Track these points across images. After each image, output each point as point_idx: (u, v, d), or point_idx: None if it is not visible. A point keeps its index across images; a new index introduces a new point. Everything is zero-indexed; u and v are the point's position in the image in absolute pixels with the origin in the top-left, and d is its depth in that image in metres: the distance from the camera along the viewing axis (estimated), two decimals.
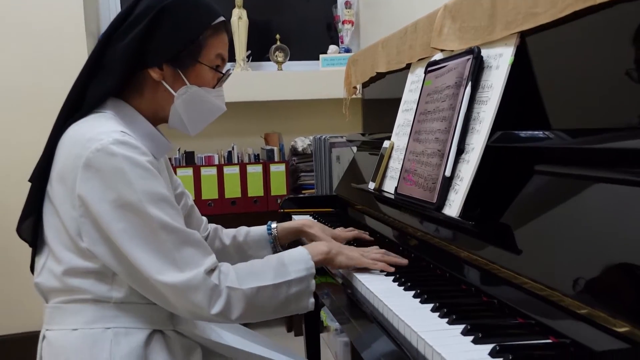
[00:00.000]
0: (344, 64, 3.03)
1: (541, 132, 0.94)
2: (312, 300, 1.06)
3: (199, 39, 1.08)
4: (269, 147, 2.87)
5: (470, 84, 1.04)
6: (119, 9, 3.04)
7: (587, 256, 0.76)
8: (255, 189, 2.81)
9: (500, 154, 0.99)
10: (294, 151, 2.95)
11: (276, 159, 2.85)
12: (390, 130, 1.72)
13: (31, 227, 1.07)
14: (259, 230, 1.39)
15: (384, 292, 0.98)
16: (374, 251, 1.14)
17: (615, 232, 0.73)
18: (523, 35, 0.97)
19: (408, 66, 1.46)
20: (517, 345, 0.72)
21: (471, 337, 0.75)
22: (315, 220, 1.45)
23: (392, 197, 1.29)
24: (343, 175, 1.96)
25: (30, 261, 1.11)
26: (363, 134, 1.95)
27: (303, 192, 2.91)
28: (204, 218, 1.42)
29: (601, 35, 0.85)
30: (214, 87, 1.14)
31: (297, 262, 1.05)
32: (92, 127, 1.01)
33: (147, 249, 0.95)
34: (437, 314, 0.85)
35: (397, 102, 1.69)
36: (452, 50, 1.20)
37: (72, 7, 2.63)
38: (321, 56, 3.05)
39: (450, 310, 0.84)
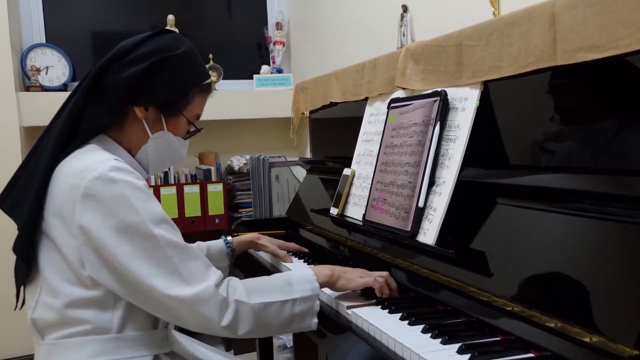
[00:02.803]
0: (277, 85, 3.11)
1: (499, 170, 1.08)
2: (316, 320, 1.10)
3: (189, 94, 1.16)
4: (205, 167, 2.87)
5: (439, 123, 1.15)
6: (42, 25, 2.93)
7: (539, 274, 0.89)
8: (193, 209, 2.80)
9: (466, 187, 1.12)
10: (230, 170, 2.97)
11: (213, 178, 2.86)
12: (340, 153, 1.83)
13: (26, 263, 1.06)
14: (218, 244, 1.51)
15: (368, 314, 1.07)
16: (377, 274, 1.17)
17: (563, 254, 0.89)
18: (486, 82, 1.10)
19: (365, 98, 1.57)
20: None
21: (468, 356, 0.86)
22: (263, 234, 1.59)
23: (360, 223, 1.38)
24: (294, 198, 2.03)
25: (16, 293, 1.10)
26: (312, 159, 2.03)
27: (240, 210, 2.94)
28: None
29: (554, 86, 0.99)
30: (184, 138, 1.22)
31: (303, 282, 1.10)
32: (84, 159, 1.04)
33: (155, 268, 0.99)
34: (431, 335, 0.95)
35: (345, 124, 1.80)
36: (413, 90, 1.32)
37: None
38: (255, 76, 3.11)
39: (441, 332, 0.95)
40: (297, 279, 1.10)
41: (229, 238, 1.53)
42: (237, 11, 3.36)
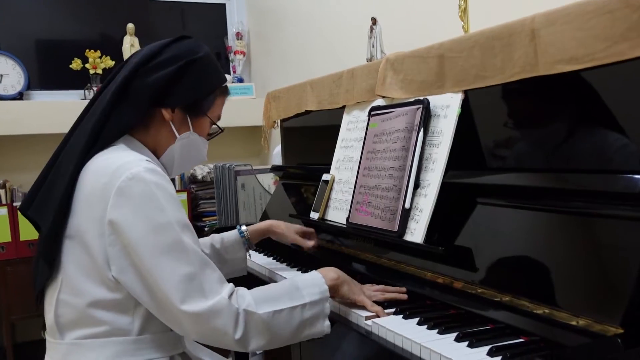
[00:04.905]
0: (239, 94, 3.14)
1: (479, 172, 1.16)
2: (328, 323, 1.10)
3: (212, 95, 1.21)
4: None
5: (422, 129, 1.23)
6: None
7: (524, 266, 0.98)
8: None
9: (448, 188, 1.19)
10: (193, 179, 2.97)
11: (177, 187, 2.85)
12: (312, 159, 1.88)
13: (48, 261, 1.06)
14: (232, 234, 1.51)
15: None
16: (374, 289, 1.18)
17: (544, 246, 0.98)
18: (465, 90, 1.19)
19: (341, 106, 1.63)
20: (505, 346, 0.91)
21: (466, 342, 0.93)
22: (280, 221, 1.57)
23: (343, 226, 1.44)
24: (268, 205, 2.06)
25: (36, 295, 1.10)
26: (285, 166, 2.08)
27: (204, 219, 2.94)
28: None
29: (528, 94, 1.09)
30: (207, 139, 1.27)
31: (311, 285, 1.10)
32: (117, 159, 1.06)
33: (176, 272, 0.99)
34: (427, 327, 1.02)
35: (317, 132, 1.85)
36: (393, 98, 1.39)
37: None
38: None
39: (436, 324, 1.01)
40: (305, 283, 1.10)
41: (244, 227, 1.52)
42: (193, 21, 3.37)
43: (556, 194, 1.01)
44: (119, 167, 1.03)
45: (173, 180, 2.86)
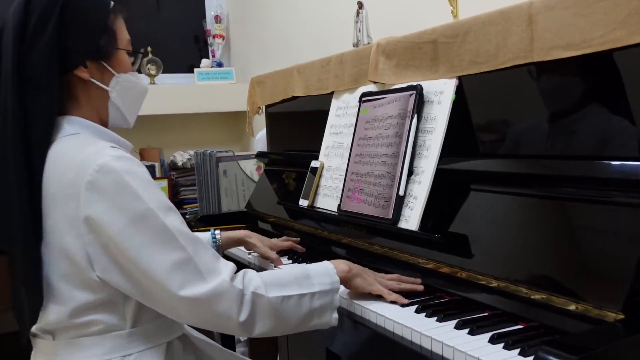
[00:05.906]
0: (219, 78, 3.09)
1: (473, 158, 1.16)
2: (336, 315, 1.06)
3: (108, 25, 1.08)
4: (149, 163, 2.81)
5: (416, 116, 1.22)
6: None
7: (520, 252, 0.98)
8: None
9: (444, 175, 1.19)
10: (173, 166, 2.92)
11: (158, 174, 2.80)
12: (298, 146, 1.86)
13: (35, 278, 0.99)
14: (204, 236, 1.44)
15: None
16: (388, 277, 1.14)
17: (539, 233, 0.98)
18: (460, 76, 1.18)
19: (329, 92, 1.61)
20: (505, 333, 0.91)
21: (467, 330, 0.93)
22: (254, 232, 1.53)
23: (334, 213, 1.43)
24: (253, 192, 2.04)
25: (27, 327, 1.05)
26: (271, 152, 2.05)
27: (185, 206, 2.90)
28: None
29: (521, 81, 1.08)
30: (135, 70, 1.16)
31: (322, 275, 1.06)
32: (77, 151, 0.98)
33: (167, 261, 0.93)
34: (425, 315, 1.02)
35: (304, 118, 1.83)
36: (384, 84, 1.38)
37: None
38: (196, 70, 3.06)
39: (434, 311, 1.01)
40: (316, 272, 1.06)
41: (217, 232, 1.46)
42: (170, 3, 3.30)
43: (552, 180, 1.01)
44: (83, 159, 0.96)
45: (153, 167, 2.83)
